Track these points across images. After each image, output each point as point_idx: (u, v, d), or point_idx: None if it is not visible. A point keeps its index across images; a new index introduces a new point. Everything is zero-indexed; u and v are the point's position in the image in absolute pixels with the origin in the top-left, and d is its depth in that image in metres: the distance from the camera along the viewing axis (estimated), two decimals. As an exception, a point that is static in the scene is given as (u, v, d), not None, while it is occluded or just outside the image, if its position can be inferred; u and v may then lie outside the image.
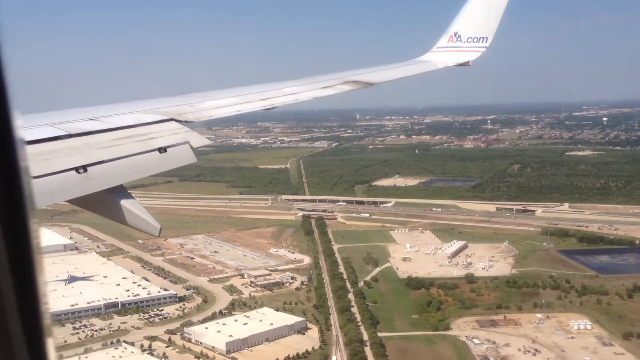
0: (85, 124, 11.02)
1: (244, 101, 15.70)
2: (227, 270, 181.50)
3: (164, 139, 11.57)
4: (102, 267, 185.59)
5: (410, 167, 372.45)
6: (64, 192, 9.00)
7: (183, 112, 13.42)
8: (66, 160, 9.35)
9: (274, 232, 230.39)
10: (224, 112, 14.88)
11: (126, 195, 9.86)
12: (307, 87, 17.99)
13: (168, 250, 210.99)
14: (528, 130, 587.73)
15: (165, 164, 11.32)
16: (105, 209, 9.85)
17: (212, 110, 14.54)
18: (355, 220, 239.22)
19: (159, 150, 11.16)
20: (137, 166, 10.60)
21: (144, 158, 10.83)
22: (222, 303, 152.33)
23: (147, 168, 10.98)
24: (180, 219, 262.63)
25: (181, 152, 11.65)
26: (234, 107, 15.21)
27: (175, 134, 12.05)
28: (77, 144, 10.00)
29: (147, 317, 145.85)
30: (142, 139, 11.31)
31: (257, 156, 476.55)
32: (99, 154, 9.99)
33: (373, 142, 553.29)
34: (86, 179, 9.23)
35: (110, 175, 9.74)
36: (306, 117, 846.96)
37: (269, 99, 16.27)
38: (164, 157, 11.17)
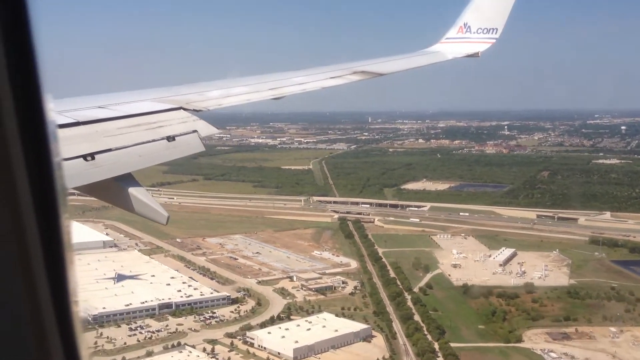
0: (93, 112, 10.88)
1: (253, 90, 15.44)
2: (274, 272, 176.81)
3: (172, 128, 11.43)
4: (147, 265, 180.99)
5: (435, 171, 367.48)
6: (72, 179, 8.59)
7: (192, 100, 13.22)
8: (74, 147, 9.20)
9: (312, 234, 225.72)
10: (233, 101, 14.61)
11: (134, 183, 9.57)
12: (315, 77, 17.60)
13: (208, 250, 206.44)
14: (546, 137, 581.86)
15: (173, 153, 11.11)
16: (113, 196, 9.65)
17: (221, 99, 14.29)
18: (394, 224, 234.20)
19: (167, 138, 10.99)
20: (145, 154, 10.38)
21: (152, 146, 10.64)
22: (277, 307, 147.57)
23: (155, 156, 10.76)
24: (215, 218, 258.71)
25: (189, 141, 11.47)
26: (243, 96, 14.96)
27: (183, 123, 11.88)
28: (85, 132, 9.89)
29: (203, 319, 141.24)
30: (151, 127, 11.15)
31: (277, 157, 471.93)
32: (107, 141, 9.85)
33: (392, 145, 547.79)
34: (94, 167, 9.08)
35: (118, 163, 9.58)
36: (317, 118, 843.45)
37: (278, 89, 15.96)
38: (172, 146, 10.99)
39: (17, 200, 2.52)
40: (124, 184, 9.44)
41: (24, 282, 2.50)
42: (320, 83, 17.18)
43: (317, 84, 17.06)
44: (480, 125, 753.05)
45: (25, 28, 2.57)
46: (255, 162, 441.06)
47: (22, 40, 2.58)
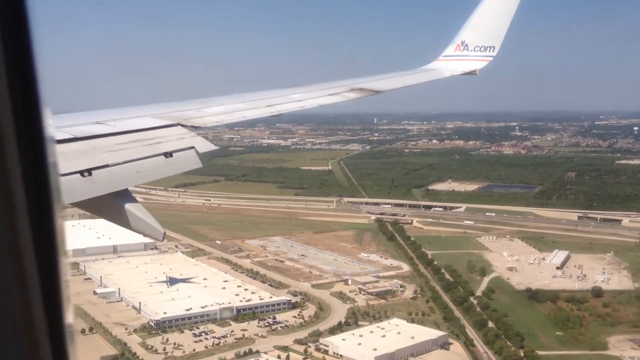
0: (91, 128, 10.77)
1: (250, 107, 15.32)
2: (326, 275, 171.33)
3: (170, 144, 11.32)
4: (195, 268, 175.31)
5: (458, 172, 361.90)
6: (68, 195, 8.58)
7: (189, 117, 13.13)
8: (71, 163, 9.15)
9: (353, 235, 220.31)
10: (230, 117, 14.47)
11: (131, 199, 9.42)
12: (313, 94, 17.49)
13: (251, 252, 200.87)
14: (559, 137, 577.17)
15: (170, 169, 10.94)
16: (109, 212, 9.52)
17: (219, 115, 14.13)
18: (433, 225, 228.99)
19: (164, 154, 10.88)
20: (142, 170, 10.24)
21: (149, 162, 10.52)
22: (340, 312, 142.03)
23: (153, 172, 10.64)
24: (248, 220, 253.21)
25: (187, 157, 11.31)
26: (240, 112, 14.87)
27: (181, 139, 11.75)
28: (83, 147, 9.82)
29: (266, 324, 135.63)
30: (148, 143, 11.05)
31: (293, 157, 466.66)
32: (105, 157, 9.79)
33: (406, 146, 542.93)
34: (91, 183, 9.02)
35: (115, 179, 9.48)
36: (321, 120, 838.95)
37: (276, 106, 15.86)
38: (169, 162, 10.85)
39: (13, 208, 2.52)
40: (121, 200, 9.26)
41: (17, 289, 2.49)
42: (317, 100, 16.95)
43: (315, 101, 16.84)
44: (489, 126, 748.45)
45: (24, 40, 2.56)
46: (273, 162, 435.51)
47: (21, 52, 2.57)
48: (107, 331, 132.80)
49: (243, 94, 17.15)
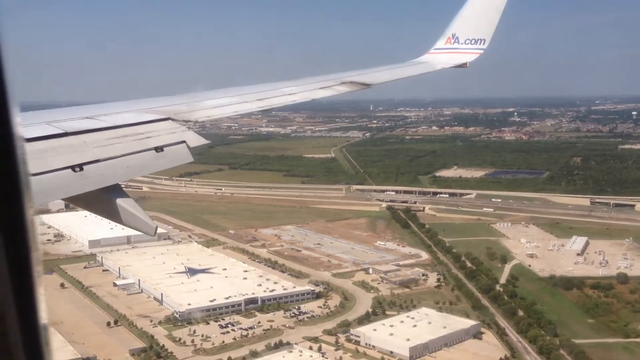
0: (81, 123, 10.70)
1: (241, 101, 15.10)
2: (345, 264, 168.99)
3: (160, 138, 11.20)
4: (212, 258, 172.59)
5: (463, 158, 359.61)
6: (60, 190, 8.67)
7: (180, 111, 12.91)
8: (62, 158, 9.11)
9: (366, 223, 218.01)
10: (221, 112, 14.27)
11: (122, 194, 9.36)
12: (304, 87, 17.38)
13: (266, 241, 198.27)
14: (558, 123, 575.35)
15: (161, 163, 10.94)
16: (101, 207, 9.46)
17: (209, 110, 13.93)
18: (446, 212, 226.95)
19: (155, 149, 10.78)
20: (133, 165, 10.14)
21: (140, 157, 10.43)
22: (365, 301, 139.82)
23: (143, 167, 10.53)
24: (259, 209, 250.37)
25: (177, 152, 11.15)
26: (231, 107, 14.65)
27: (171, 134, 11.65)
28: (73, 143, 9.76)
29: (292, 314, 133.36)
30: (139, 138, 10.93)
31: (294, 145, 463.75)
32: (95, 152, 9.72)
33: (406, 133, 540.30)
34: (82, 178, 8.96)
35: (106, 174, 9.43)
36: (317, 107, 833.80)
37: (267, 99, 15.71)
38: (160, 157, 10.78)
39: None
40: (112, 195, 9.16)
41: None
42: (309, 94, 16.91)
43: (306, 95, 16.81)
44: (487, 112, 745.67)
45: None
46: (274, 150, 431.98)
47: None
48: (132, 323, 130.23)
49: (234, 88, 16.92)
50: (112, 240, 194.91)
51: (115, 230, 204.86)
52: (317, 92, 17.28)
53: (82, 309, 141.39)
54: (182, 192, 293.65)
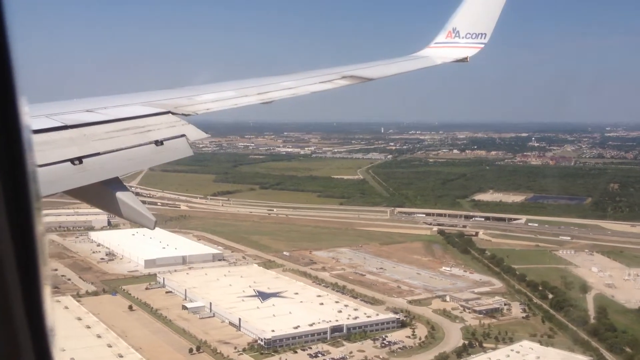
0: (81, 116, 10.56)
1: (241, 95, 14.84)
2: (417, 290, 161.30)
3: (160, 132, 11.00)
4: (277, 281, 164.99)
5: (496, 182, 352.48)
6: (59, 183, 8.52)
7: (180, 105, 12.76)
8: (62, 151, 8.99)
9: (422, 247, 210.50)
10: (221, 105, 14.02)
11: (122, 187, 9.15)
12: (304, 81, 16.88)
13: (325, 264, 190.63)
14: (578, 149, 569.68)
15: (161, 157, 10.67)
16: (100, 201, 9.30)
17: (210, 103, 13.69)
18: (501, 237, 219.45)
19: (155, 142, 10.56)
20: (133, 158, 10.02)
21: (140, 150, 10.26)
22: (454, 331, 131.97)
23: (143, 160, 10.43)
24: (305, 230, 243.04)
25: (177, 145, 10.92)
26: (231, 100, 14.41)
27: (172, 127, 11.45)
28: (73, 136, 9.60)
29: (382, 344, 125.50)
30: (139, 131, 10.81)
31: (318, 166, 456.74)
32: (95, 145, 9.58)
33: (427, 156, 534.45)
34: (82, 171, 8.85)
35: (106, 167, 9.28)
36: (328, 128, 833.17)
37: (267, 93, 15.31)
38: (160, 150, 10.54)
39: None
40: (112, 188, 8.99)
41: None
42: (309, 87, 16.46)
43: (307, 89, 16.34)
44: (501, 136, 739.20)
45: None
46: (300, 171, 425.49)
47: None
48: (215, 350, 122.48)
49: (233, 81, 16.61)
50: (167, 260, 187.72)
51: (167, 249, 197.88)
52: (317, 86, 16.69)
53: (157, 333, 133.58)
54: (222, 212, 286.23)
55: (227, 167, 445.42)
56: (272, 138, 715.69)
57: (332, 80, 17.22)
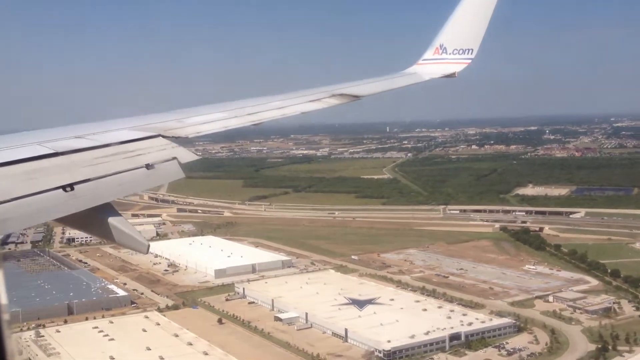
0: (71, 142, 10.45)
1: (231, 116, 14.71)
2: (511, 291, 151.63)
3: (151, 155, 10.86)
4: (363, 287, 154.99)
5: (531, 176, 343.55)
6: (51, 210, 8.41)
7: (170, 127, 12.60)
8: (52, 178, 8.88)
9: (491, 245, 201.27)
10: (211, 127, 13.80)
11: (114, 212, 9.09)
12: (294, 101, 16.69)
13: (398, 266, 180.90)
14: (595, 140, 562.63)
15: (152, 180, 10.54)
16: (93, 227, 9.25)
17: (200, 125, 13.53)
18: (568, 232, 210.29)
19: (146, 166, 10.39)
20: (124, 183, 9.85)
21: (131, 175, 10.07)
22: (575, 334, 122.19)
23: (135, 185, 10.20)
24: (362, 232, 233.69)
25: (169, 168, 10.77)
26: (221, 122, 14.19)
27: (162, 150, 11.28)
28: (64, 162, 9.51)
29: (507, 352, 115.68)
30: (129, 155, 10.66)
31: (341, 167, 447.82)
32: (86, 171, 9.43)
33: (447, 152, 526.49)
34: (73, 197, 8.70)
35: (97, 193, 9.15)
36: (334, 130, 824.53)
37: (257, 114, 15.26)
38: (151, 174, 10.38)
39: None
40: (104, 214, 8.92)
41: None
42: (299, 107, 16.26)
43: (296, 108, 16.16)
44: (512, 130, 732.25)
45: None
46: (325, 172, 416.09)
47: None
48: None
49: (223, 103, 16.24)
50: (237, 269, 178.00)
51: (233, 258, 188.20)
52: (307, 105, 16.45)
53: (259, 347, 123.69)
54: (267, 217, 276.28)
55: (250, 172, 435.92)
56: (282, 141, 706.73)
57: (321, 99, 16.98)
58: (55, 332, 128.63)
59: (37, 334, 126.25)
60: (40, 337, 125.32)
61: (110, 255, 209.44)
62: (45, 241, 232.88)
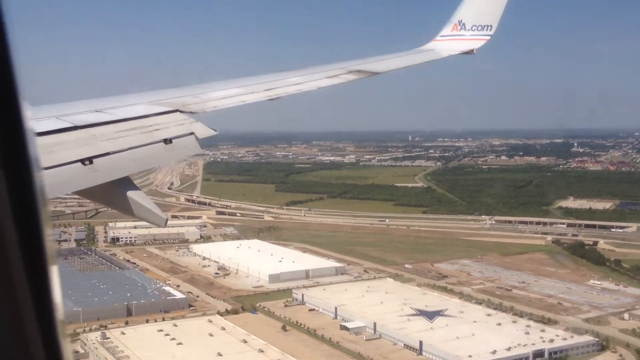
0: (90, 116, 10.35)
1: (248, 92, 14.34)
2: (582, 307, 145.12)
3: (169, 130, 10.79)
4: (427, 298, 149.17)
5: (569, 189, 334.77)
6: (70, 184, 8.46)
7: (188, 103, 12.47)
8: (72, 152, 8.88)
9: (548, 259, 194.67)
10: (228, 102, 13.60)
11: (132, 186, 9.06)
12: (311, 77, 16.31)
13: (456, 278, 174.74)
14: (625, 154, 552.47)
15: (170, 156, 10.64)
16: (111, 200, 9.24)
17: (217, 101, 13.40)
18: (623, 247, 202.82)
19: (164, 141, 10.37)
20: (142, 157, 9.87)
21: (149, 149, 10.08)
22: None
23: (153, 159, 10.33)
24: (408, 241, 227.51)
25: (186, 143, 10.72)
26: (238, 97, 13.98)
27: (180, 125, 11.18)
28: (83, 136, 9.51)
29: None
30: (147, 130, 10.59)
31: (372, 174, 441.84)
32: (105, 145, 9.46)
33: (476, 162, 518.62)
34: (92, 171, 8.73)
35: (116, 166, 9.16)
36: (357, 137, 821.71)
37: (274, 89, 14.84)
38: (169, 149, 10.35)
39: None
40: (123, 188, 8.92)
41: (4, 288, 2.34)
42: (316, 83, 15.96)
43: (314, 84, 15.84)
44: (537, 142, 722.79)
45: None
46: (355, 179, 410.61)
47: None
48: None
49: (240, 78, 15.92)
50: (291, 274, 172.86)
51: (285, 263, 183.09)
52: (324, 81, 16.12)
53: (331, 358, 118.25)
54: (308, 222, 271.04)
55: (281, 177, 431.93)
56: (305, 147, 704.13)
57: (338, 75, 16.50)
58: (120, 334, 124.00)
59: (103, 335, 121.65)
60: (107, 339, 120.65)
61: (157, 256, 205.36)
62: (89, 240, 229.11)
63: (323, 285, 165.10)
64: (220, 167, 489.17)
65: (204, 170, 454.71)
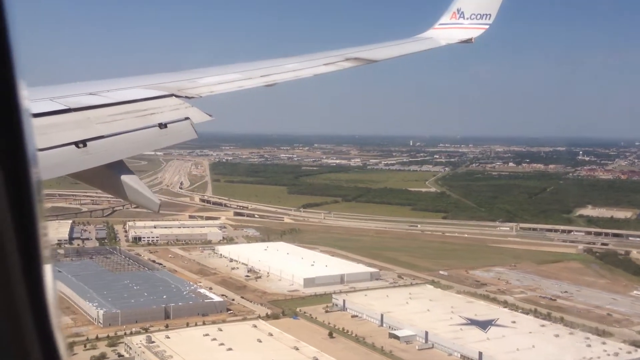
0: (85, 99, 10.17)
1: (244, 77, 14.15)
2: (632, 318, 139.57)
3: (164, 115, 10.61)
4: (473, 306, 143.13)
5: (586, 197, 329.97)
6: (63, 166, 8.29)
7: (183, 87, 12.28)
8: (65, 134, 8.68)
9: (584, 268, 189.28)
10: (224, 87, 13.38)
11: (126, 170, 8.90)
12: (308, 63, 16.10)
13: (494, 285, 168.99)
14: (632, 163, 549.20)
15: (165, 140, 10.33)
16: (105, 184, 9.10)
17: (213, 86, 13.17)
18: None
19: (159, 125, 10.16)
20: (137, 141, 9.67)
21: (144, 133, 9.88)
22: None
23: (147, 143, 10.00)
24: (434, 246, 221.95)
25: (181, 128, 10.51)
26: (235, 83, 13.76)
27: (175, 110, 10.99)
28: (77, 119, 9.30)
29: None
30: (142, 114, 10.41)
31: (381, 178, 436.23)
32: (99, 128, 9.24)
33: (484, 169, 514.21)
34: (85, 154, 8.53)
35: (110, 150, 8.96)
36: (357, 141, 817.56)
37: (270, 75, 14.65)
38: (164, 133, 10.14)
39: None
40: (116, 172, 8.77)
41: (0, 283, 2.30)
42: (312, 70, 15.69)
43: (310, 71, 15.60)
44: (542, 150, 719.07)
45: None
46: (366, 183, 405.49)
47: None
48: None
49: (237, 64, 15.70)
50: (326, 279, 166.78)
51: (317, 267, 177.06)
52: (321, 68, 15.87)
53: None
54: (330, 225, 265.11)
55: (291, 179, 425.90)
56: (308, 149, 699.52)
57: (335, 63, 16.34)
58: (165, 338, 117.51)
59: (149, 339, 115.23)
60: (152, 343, 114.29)
61: (183, 257, 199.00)
62: (110, 239, 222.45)
63: (359, 290, 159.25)
64: (227, 168, 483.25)
65: (211, 171, 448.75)
